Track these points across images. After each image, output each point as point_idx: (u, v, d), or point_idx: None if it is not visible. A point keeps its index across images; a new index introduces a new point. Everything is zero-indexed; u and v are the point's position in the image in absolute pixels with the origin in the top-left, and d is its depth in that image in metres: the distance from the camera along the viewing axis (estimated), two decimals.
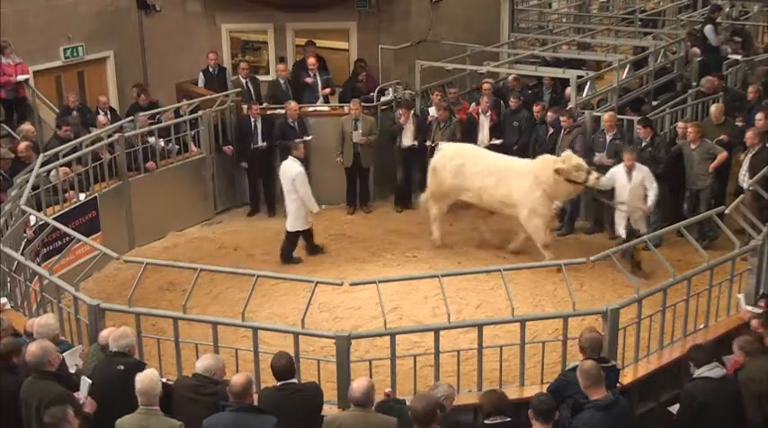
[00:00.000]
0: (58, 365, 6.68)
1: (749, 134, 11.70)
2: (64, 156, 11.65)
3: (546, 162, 11.74)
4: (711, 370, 6.89)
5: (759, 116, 11.96)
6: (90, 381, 6.67)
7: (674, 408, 7.18)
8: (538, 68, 15.36)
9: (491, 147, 13.60)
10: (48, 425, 5.88)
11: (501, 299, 9.98)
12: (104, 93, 15.24)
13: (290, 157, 12.10)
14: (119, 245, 11.58)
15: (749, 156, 11.65)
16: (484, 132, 13.66)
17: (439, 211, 12.54)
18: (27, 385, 6.58)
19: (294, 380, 6.83)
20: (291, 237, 12.29)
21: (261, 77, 15.52)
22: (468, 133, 13.66)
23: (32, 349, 6.61)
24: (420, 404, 6.13)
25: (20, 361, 6.92)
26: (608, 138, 12.52)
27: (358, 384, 6.33)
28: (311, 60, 15.06)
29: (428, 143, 13.63)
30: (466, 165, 12.18)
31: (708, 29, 17.19)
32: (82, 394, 6.62)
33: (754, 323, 7.66)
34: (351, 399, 6.34)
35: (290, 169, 11.99)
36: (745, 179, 11.42)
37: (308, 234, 12.41)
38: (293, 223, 12.17)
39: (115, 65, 16.32)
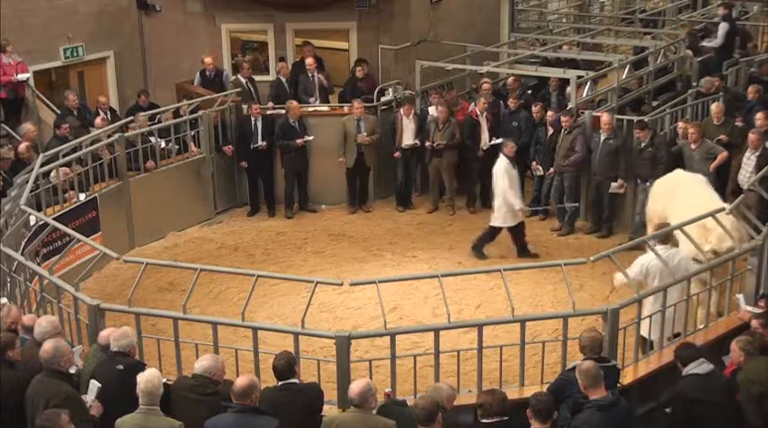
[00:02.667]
0: (68, 366, 6.67)
1: (753, 136, 11.67)
2: (64, 156, 11.64)
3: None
4: (699, 367, 6.90)
5: (759, 116, 11.96)
6: (99, 385, 6.65)
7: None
8: (538, 68, 15.35)
9: (492, 148, 13.60)
10: None
11: (501, 299, 9.98)
12: (104, 94, 15.24)
13: (501, 154, 12.21)
14: (119, 245, 11.58)
15: (755, 155, 11.60)
16: (486, 134, 13.65)
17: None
18: (35, 384, 6.56)
19: (295, 380, 6.82)
20: (491, 232, 12.31)
21: (261, 77, 15.49)
22: (469, 134, 13.66)
23: (46, 347, 6.60)
24: (422, 402, 6.16)
25: (16, 354, 6.91)
26: (602, 137, 12.53)
27: (356, 385, 6.35)
28: (309, 60, 15.05)
29: (427, 143, 13.66)
30: (677, 195, 10.79)
31: (722, 26, 16.99)
32: (89, 397, 6.61)
33: (755, 323, 7.65)
34: (349, 400, 6.36)
35: (497, 164, 12.16)
36: (751, 178, 11.37)
37: (518, 232, 12.24)
38: (495, 218, 12.22)
39: (115, 65, 16.33)
